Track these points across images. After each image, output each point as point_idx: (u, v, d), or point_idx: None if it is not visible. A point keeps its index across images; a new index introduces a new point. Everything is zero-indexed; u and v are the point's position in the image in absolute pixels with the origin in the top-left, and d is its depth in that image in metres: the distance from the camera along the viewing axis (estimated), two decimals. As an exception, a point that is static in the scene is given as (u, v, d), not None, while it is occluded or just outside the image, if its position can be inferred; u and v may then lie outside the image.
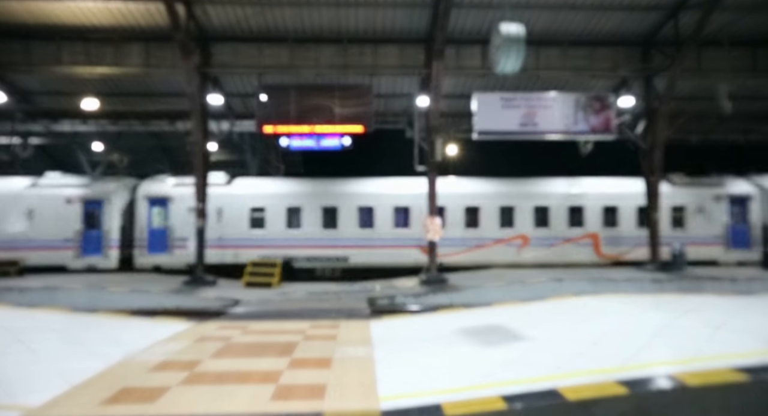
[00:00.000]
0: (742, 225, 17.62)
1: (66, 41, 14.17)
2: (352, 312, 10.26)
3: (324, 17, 13.67)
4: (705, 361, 4.94)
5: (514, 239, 17.33)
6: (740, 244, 17.52)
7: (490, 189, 17.87)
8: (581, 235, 17.42)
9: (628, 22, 14.22)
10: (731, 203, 17.77)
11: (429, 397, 4.30)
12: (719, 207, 17.67)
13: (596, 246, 17.38)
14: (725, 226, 17.58)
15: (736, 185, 18.10)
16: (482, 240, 17.30)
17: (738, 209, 17.76)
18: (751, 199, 17.77)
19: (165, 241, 16.80)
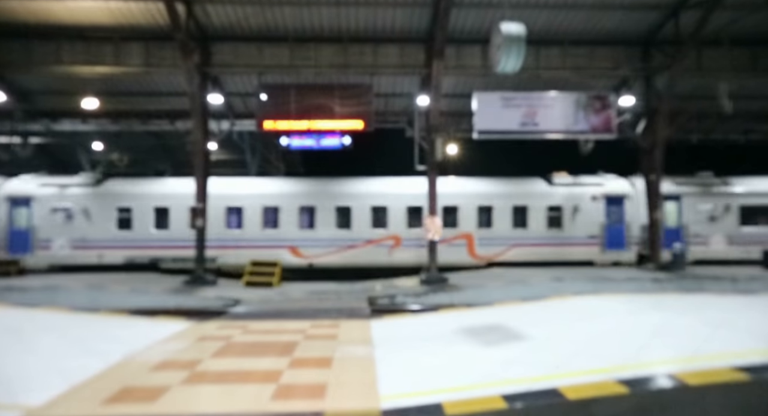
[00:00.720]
0: (619, 225, 17.32)
1: (66, 41, 14.16)
2: (353, 311, 10.26)
3: (324, 16, 13.66)
4: (705, 360, 4.94)
5: (385, 240, 17.12)
6: (616, 244, 17.20)
7: (362, 189, 17.50)
8: (455, 235, 17.07)
9: (628, 22, 14.21)
10: (608, 203, 17.45)
11: (429, 396, 4.30)
12: (596, 207, 17.35)
13: (470, 247, 17.07)
14: (602, 226, 17.29)
15: (613, 184, 17.77)
16: (354, 241, 17.08)
17: (615, 209, 17.45)
18: (628, 199, 17.45)
19: (28, 242, 16.56)
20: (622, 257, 17.12)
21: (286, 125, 14.16)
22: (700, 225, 17.34)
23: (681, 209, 17.46)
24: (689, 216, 17.38)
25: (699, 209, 17.43)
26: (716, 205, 17.46)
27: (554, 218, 17.32)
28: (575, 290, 12.51)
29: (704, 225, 17.35)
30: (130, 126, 17.70)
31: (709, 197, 17.58)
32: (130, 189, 17.41)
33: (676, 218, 17.39)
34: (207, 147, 14.70)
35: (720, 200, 17.54)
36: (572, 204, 17.16)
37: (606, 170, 18.67)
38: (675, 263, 15.16)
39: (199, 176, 14.18)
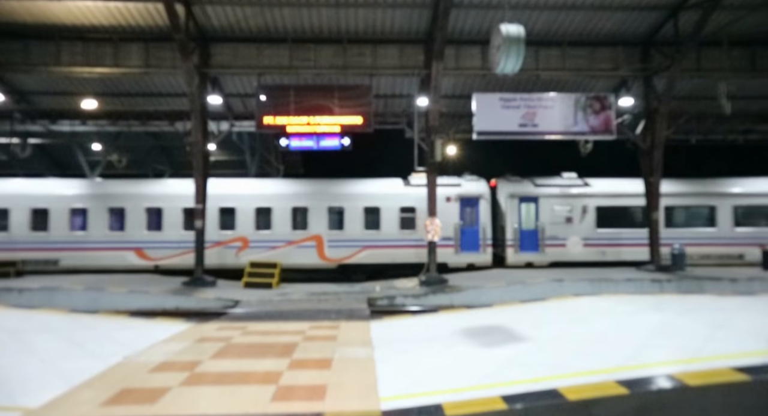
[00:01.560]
0: (474, 227, 17.02)
1: (65, 41, 14.15)
2: (352, 312, 10.25)
3: (323, 17, 13.67)
4: (705, 361, 4.94)
5: (233, 242, 16.75)
6: (471, 246, 16.92)
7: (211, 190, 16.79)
8: (304, 237, 16.79)
9: (627, 23, 14.23)
10: (463, 204, 17.13)
11: (429, 397, 4.30)
12: (451, 208, 16.94)
13: (320, 249, 16.76)
14: (456, 228, 16.95)
15: (469, 186, 17.47)
16: None
17: (470, 210, 17.12)
18: (483, 200, 17.17)
19: None
20: (477, 259, 16.82)
21: (286, 121, 14.12)
22: (557, 227, 17.07)
23: (538, 211, 17.20)
24: (546, 218, 17.08)
25: (556, 211, 17.17)
26: (573, 207, 17.24)
27: (408, 220, 16.94)
28: (575, 291, 12.53)
29: (561, 227, 17.11)
30: (129, 127, 17.68)
31: (567, 199, 17.29)
32: None
33: (533, 220, 17.21)
34: (206, 148, 14.69)
35: (577, 202, 17.28)
36: (426, 205, 16.46)
37: (606, 171, 18.69)
38: (674, 264, 15.16)
39: (198, 177, 14.17)
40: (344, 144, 14.58)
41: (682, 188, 17.76)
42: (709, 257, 17.04)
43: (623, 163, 18.90)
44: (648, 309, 8.00)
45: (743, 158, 24.88)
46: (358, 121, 14.14)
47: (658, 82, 15.22)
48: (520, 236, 16.99)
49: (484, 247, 16.85)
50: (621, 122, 15.81)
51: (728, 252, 17.06)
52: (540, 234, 17.04)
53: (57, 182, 18.16)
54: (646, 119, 15.65)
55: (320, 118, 14.13)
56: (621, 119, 15.83)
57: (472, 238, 16.91)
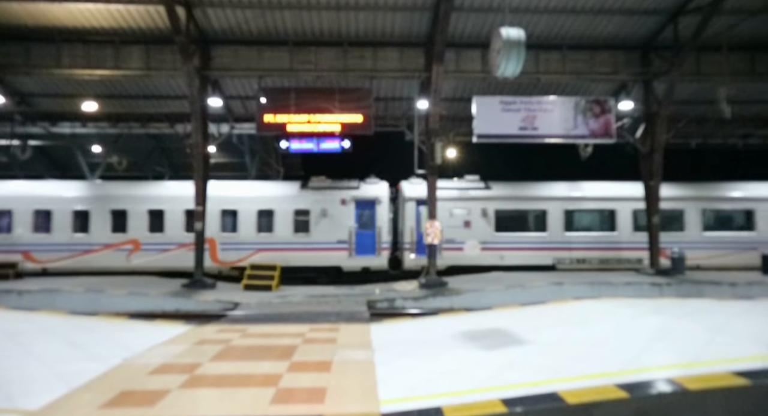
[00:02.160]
0: (369, 230, 16.83)
1: (66, 43, 14.18)
2: (352, 315, 10.25)
3: (324, 20, 13.70)
4: (705, 365, 4.94)
5: (124, 244, 16.63)
6: (366, 249, 16.71)
7: (101, 192, 17.11)
8: None
9: (627, 26, 14.27)
10: (359, 207, 16.94)
11: (429, 400, 4.29)
12: (346, 211, 16.82)
13: (212, 251, 16.54)
14: (351, 231, 16.80)
15: (366, 188, 17.27)
16: (92, 246, 16.49)
17: (366, 213, 16.93)
18: (379, 203, 16.95)
19: None
20: (373, 263, 16.65)
21: (287, 119, 14.13)
22: (454, 230, 16.87)
23: None
24: (443, 221, 16.50)
25: (454, 214, 16.98)
26: (472, 210, 17.10)
27: (302, 222, 16.81)
28: (575, 294, 12.54)
29: (459, 230, 16.94)
30: (130, 129, 17.71)
31: (466, 202, 17.11)
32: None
33: None
34: (207, 150, 14.70)
35: (476, 205, 17.11)
36: (320, 208, 16.64)
37: (606, 175, 18.68)
38: (674, 268, 15.15)
39: (198, 180, 14.18)
40: (344, 146, 14.60)
41: (583, 191, 17.59)
42: (608, 261, 16.92)
43: (623, 166, 18.91)
44: (648, 313, 8.00)
45: (741, 161, 24.94)
46: (358, 119, 14.15)
47: (657, 86, 15.26)
48: (417, 239, 16.66)
49: (380, 250, 16.62)
50: (621, 125, 15.84)
51: (627, 256, 16.93)
52: None
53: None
54: (645, 122, 15.68)
55: (321, 116, 14.13)
56: (621, 123, 15.86)
57: (368, 241, 16.70)
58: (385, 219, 16.87)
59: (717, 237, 17.33)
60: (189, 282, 13.85)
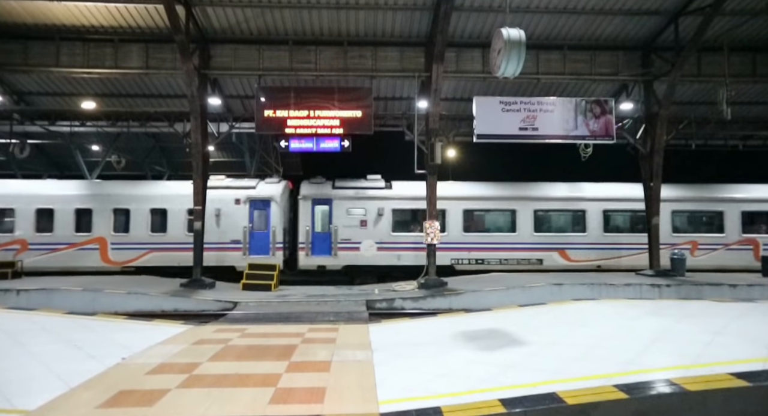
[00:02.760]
0: (264, 230, 16.59)
1: (65, 42, 14.14)
2: (351, 315, 10.25)
3: (324, 19, 13.68)
4: (705, 367, 4.94)
5: (11, 244, 16.16)
6: (261, 249, 16.46)
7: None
8: (87, 240, 16.30)
9: (628, 27, 14.26)
10: (253, 206, 16.68)
11: (428, 401, 4.29)
12: (240, 211, 16.56)
13: (103, 251, 16.29)
14: (245, 231, 16.49)
15: (261, 188, 17.01)
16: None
17: (260, 213, 16.69)
18: (274, 203, 16.68)
19: None
20: (267, 262, 16.12)
21: (286, 114, 14.05)
22: (350, 230, 16.66)
23: (332, 214, 16.74)
24: (340, 221, 16.65)
25: (350, 214, 16.77)
26: (368, 210, 16.83)
27: None
28: (574, 295, 12.54)
29: (355, 230, 16.71)
30: (129, 128, 17.66)
31: (362, 202, 16.84)
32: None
33: (327, 222, 16.69)
34: (206, 149, 14.68)
35: (373, 205, 16.82)
36: (215, 208, 16.29)
37: (606, 176, 18.69)
38: (673, 269, 15.15)
39: (198, 179, 14.15)
40: (344, 146, 14.59)
41: (483, 191, 17.42)
42: (507, 261, 16.82)
43: (623, 167, 18.91)
44: (647, 314, 8.00)
45: (742, 163, 24.97)
46: (357, 114, 14.12)
47: (658, 87, 15.25)
48: (313, 239, 16.60)
49: (274, 250, 16.43)
50: (621, 126, 15.83)
51: (527, 257, 16.84)
52: (333, 237, 16.61)
53: None
54: (646, 123, 15.67)
55: (320, 112, 14.09)
56: (621, 124, 15.85)
57: (263, 241, 16.53)
58: (279, 219, 16.70)
59: (618, 239, 17.22)
60: (188, 282, 13.82)
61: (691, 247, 17.28)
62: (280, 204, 16.72)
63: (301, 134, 14.29)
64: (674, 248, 16.51)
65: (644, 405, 4.19)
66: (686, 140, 18.36)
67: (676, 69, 14.10)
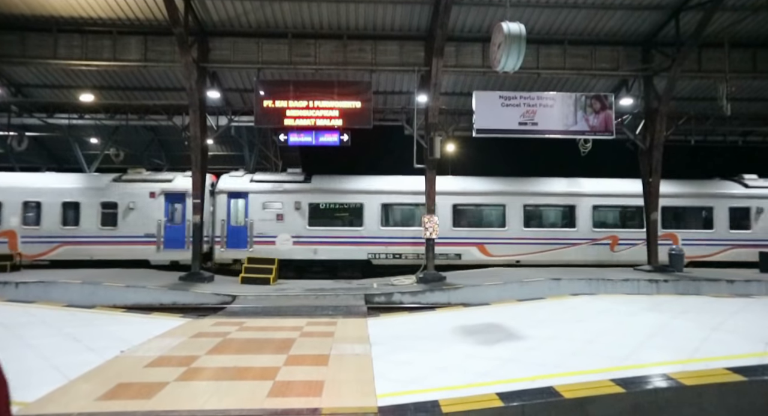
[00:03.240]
0: (180, 224, 16.43)
1: (63, 34, 14.06)
2: (350, 309, 10.27)
3: (324, 13, 13.61)
4: (701, 362, 4.96)
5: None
6: (175, 243, 16.31)
7: None
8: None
9: (629, 22, 14.21)
10: (169, 200, 16.49)
11: (426, 394, 4.30)
12: (155, 205, 16.33)
13: (12, 245, 16.01)
14: (160, 224, 16.31)
15: (177, 181, 16.77)
16: None
17: (176, 207, 16.51)
18: (190, 196, 16.03)
19: None
20: (182, 256, 16.02)
21: (285, 104, 14.00)
22: (266, 224, 16.50)
23: (248, 207, 16.58)
24: (256, 214, 16.46)
25: (267, 207, 16.60)
26: (285, 203, 16.65)
27: (109, 215, 16.40)
28: (572, 290, 12.57)
29: (272, 224, 16.53)
30: (128, 121, 17.60)
31: (279, 195, 16.67)
32: None
33: (243, 216, 16.56)
34: (205, 143, 14.65)
35: (290, 199, 16.66)
36: (128, 201, 16.24)
37: (606, 171, 18.66)
38: (671, 265, 15.19)
39: (196, 172, 14.13)
40: (343, 140, 14.55)
41: (400, 186, 17.23)
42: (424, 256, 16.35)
43: (623, 163, 18.91)
44: (645, 310, 8.03)
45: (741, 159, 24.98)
46: (356, 104, 14.06)
47: (658, 83, 15.22)
48: (228, 233, 16.50)
49: (189, 244, 16.07)
50: (621, 121, 15.81)
51: (445, 251, 16.55)
52: (249, 231, 16.46)
53: None
54: (645, 119, 15.65)
55: (319, 102, 14.02)
56: (621, 119, 15.82)
57: (178, 235, 16.39)
58: None
59: (539, 233, 17.00)
60: (186, 275, 13.84)
61: (611, 242, 17.12)
62: None
63: (299, 126, 14.21)
64: (594, 243, 16.53)
65: (641, 399, 4.21)
66: (685, 136, 18.33)
67: (677, 64, 14.07)
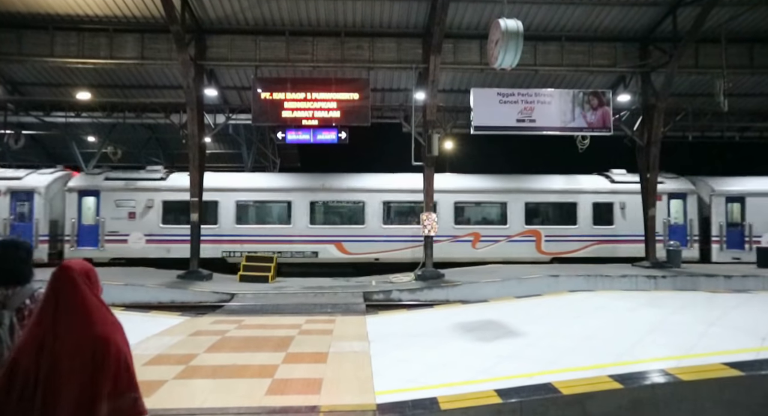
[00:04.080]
0: (28, 222, 15.96)
1: (59, 31, 13.98)
2: (348, 306, 10.28)
3: (321, 10, 13.56)
4: (698, 357, 4.98)
5: None
6: None
7: None
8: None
9: (626, 18, 14.19)
10: (15, 198, 16.08)
11: (425, 391, 4.31)
12: (2, 203, 15.92)
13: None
14: (5, 224, 15.84)
15: (27, 179, 16.32)
16: None
17: (24, 205, 16.14)
18: (39, 194, 16.04)
19: None
20: None
21: (283, 97, 13.97)
22: (119, 222, 16.21)
23: (99, 205, 16.31)
24: (108, 213, 16.14)
25: (120, 206, 16.31)
26: (138, 201, 16.34)
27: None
28: (570, 287, 12.59)
29: (124, 222, 16.23)
30: (125, 119, 17.55)
31: (131, 193, 16.37)
32: None
33: (94, 214, 16.29)
34: (203, 141, 14.61)
35: (142, 196, 16.35)
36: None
37: (604, 167, 18.69)
38: (669, 261, 15.23)
39: (194, 170, 14.10)
40: (341, 137, 14.52)
41: (255, 183, 17.11)
42: (282, 254, 16.17)
43: (621, 159, 18.93)
44: (642, 305, 8.05)
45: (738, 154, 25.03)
46: (355, 96, 14.01)
47: (655, 79, 15.22)
48: (79, 232, 16.27)
49: (38, 243, 15.94)
50: (618, 118, 15.82)
51: (302, 250, 16.37)
52: (100, 229, 16.17)
53: None
54: (643, 115, 15.66)
55: (317, 94, 13.96)
56: (618, 115, 15.83)
57: (26, 234, 15.74)
58: (44, 212, 16.18)
59: (399, 231, 16.63)
60: (185, 273, 13.83)
61: (473, 239, 16.93)
62: (45, 196, 16.22)
63: (297, 118, 14.07)
64: (455, 240, 16.46)
65: (638, 394, 4.22)
66: (683, 132, 18.35)
67: (674, 60, 14.06)
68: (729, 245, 17.34)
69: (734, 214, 17.53)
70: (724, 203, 17.47)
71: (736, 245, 17.33)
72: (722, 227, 17.35)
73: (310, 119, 14.12)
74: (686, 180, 17.94)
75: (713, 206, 17.50)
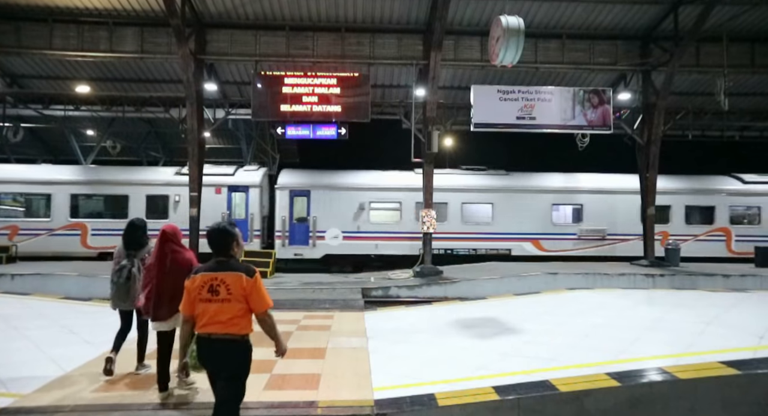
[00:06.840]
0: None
1: (59, 24, 13.89)
2: (347, 303, 10.27)
3: (322, 5, 13.49)
4: (696, 355, 4.99)
5: None
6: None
7: None
8: None
9: (628, 16, 14.15)
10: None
11: (422, 388, 4.32)
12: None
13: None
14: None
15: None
16: None
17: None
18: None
19: None
20: None
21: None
22: None
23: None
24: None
25: None
26: None
27: None
28: (569, 284, 12.62)
29: None
30: (124, 112, 17.47)
31: None
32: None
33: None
34: (202, 135, 14.57)
35: None
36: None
37: (603, 164, 18.68)
38: (668, 259, 15.25)
39: (193, 165, 14.06)
40: (341, 133, 14.48)
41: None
42: None
43: (620, 157, 18.90)
44: (641, 304, 8.07)
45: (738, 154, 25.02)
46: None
47: (656, 77, 15.18)
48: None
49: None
50: (619, 116, 15.79)
51: None
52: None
53: None
54: (643, 113, 15.64)
55: (317, 80, 13.99)
56: (619, 114, 15.80)
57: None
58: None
59: None
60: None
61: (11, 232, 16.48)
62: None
63: (297, 112, 13.97)
64: None
65: (636, 392, 4.24)
66: (683, 131, 18.34)
67: (675, 59, 14.03)
68: (292, 240, 16.88)
69: (298, 208, 17.10)
70: (288, 197, 17.05)
71: (301, 242, 16.94)
72: (285, 221, 16.89)
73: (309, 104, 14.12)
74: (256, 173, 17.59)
75: (277, 200, 17.07)
